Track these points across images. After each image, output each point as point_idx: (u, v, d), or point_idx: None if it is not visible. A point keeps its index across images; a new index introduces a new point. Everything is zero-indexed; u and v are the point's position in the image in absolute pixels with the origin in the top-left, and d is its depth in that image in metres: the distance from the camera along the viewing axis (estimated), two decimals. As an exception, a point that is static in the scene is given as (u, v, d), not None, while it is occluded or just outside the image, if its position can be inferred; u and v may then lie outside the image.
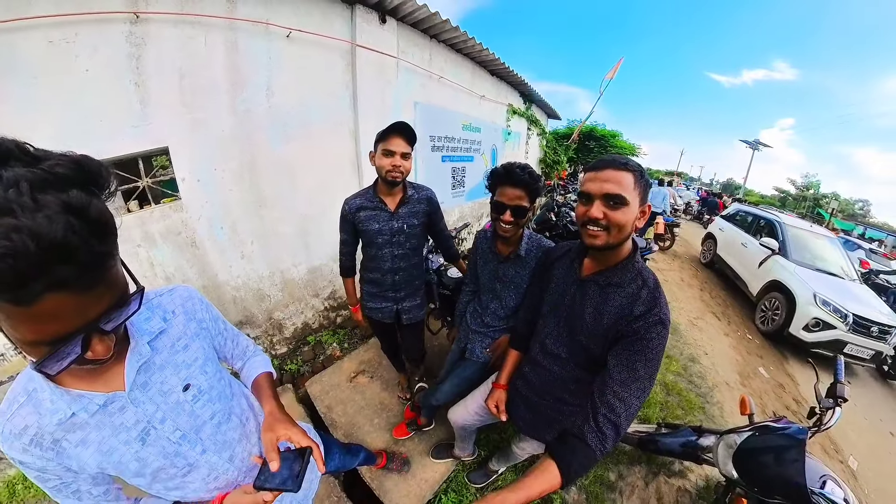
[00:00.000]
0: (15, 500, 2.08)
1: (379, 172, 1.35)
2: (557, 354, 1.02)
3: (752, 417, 1.51)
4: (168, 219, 2.02)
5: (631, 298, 0.86)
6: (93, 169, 0.42)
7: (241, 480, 0.78)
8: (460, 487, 1.78)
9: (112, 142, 1.85)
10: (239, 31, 2.03)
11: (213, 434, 0.71)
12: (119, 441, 0.60)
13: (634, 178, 0.81)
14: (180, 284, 0.75)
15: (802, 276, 4.01)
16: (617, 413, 0.78)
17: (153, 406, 0.62)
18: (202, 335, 0.72)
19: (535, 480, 0.72)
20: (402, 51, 2.89)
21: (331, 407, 2.18)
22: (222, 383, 0.75)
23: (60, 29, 1.68)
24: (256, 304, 2.46)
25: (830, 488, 1.21)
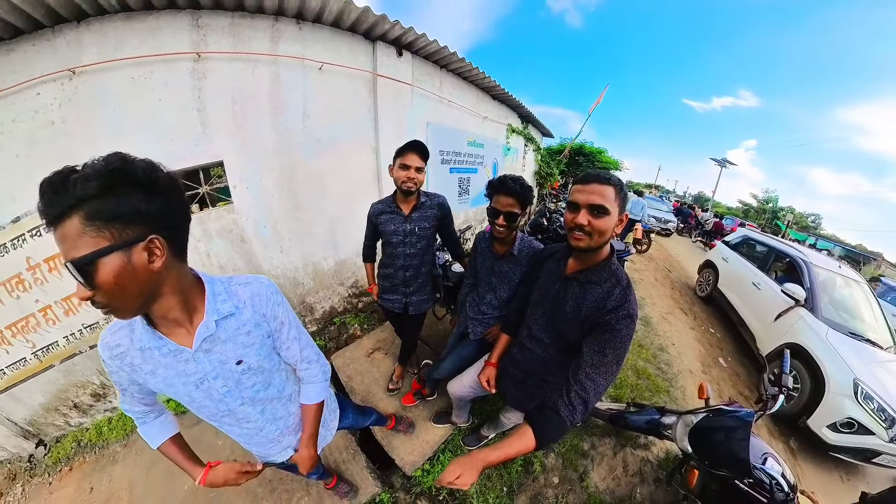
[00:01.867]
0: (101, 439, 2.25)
1: (396, 183, 1.37)
2: (541, 339, 1.03)
3: (708, 401, 1.50)
4: (222, 219, 2.11)
5: (605, 294, 0.87)
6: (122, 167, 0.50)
7: (265, 427, 0.84)
8: (456, 448, 1.82)
9: (179, 157, 1.95)
10: (280, 65, 2.09)
11: (253, 394, 0.76)
12: (179, 381, 0.66)
13: (615, 191, 0.82)
14: (262, 278, 0.74)
15: (837, 346, 2.36)
16: (587, 391, 0.79)
17: (210, 366, 0.67)
18: (262, 326, 0.73)
19: (513, 442, 0.74)
20: (416, 79, 2.90)
21: (351, 377, 2.23)
22: (269, 363, 0.77)
23: (140, 68, 1.77)
24: (292, 289, 2.51)
25: (770, 464, 1.21)
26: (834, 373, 2.24)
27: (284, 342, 0.79)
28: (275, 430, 0.86)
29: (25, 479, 2.20)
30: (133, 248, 0.50)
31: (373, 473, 1.70)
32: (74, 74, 1.70)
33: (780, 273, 3.58)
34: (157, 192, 0.51)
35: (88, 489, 1.99)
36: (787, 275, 3.42)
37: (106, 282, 0.48)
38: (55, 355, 2.10)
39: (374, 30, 2.36)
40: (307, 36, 2.16)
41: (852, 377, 2.15)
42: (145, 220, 0.50)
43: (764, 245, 4.03)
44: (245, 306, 0.70)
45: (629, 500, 1.72)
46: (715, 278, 4.42)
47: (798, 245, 4.05)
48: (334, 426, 1.07)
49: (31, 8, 1.52)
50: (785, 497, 1.11)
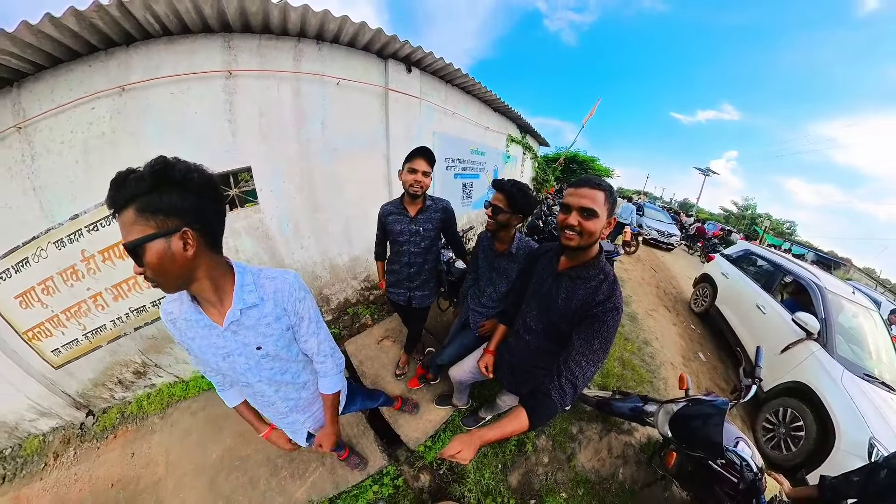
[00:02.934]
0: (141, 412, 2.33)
1: (404, 186, 1.37)
2: (535, 330, 1.05)
3: (688, 392, 1.50)
4: (249, 218, 2.17)
5: (594, 289, 0.88)
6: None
7: (277, 403, 0.88)
8: (455, 428, 1.84)
9: (212, 163, 1.95)
10: (302, 81, 2.13)
11: (270, 376, 0.80)
12: (210, 351, 0.72)
13: (605, 196, 0.82)
14: (289, 274, 0.75)
15: (853, 393, 1.84)
16: (576, 376, 0.80)
17: (235, 345, 0.72)
18: (283, 319, 0.74)
19: (508, 423, 0.75)
20: (424, 92, 2.93)
21: (362, 362, 2.26)
22: (287, 353, 0.79)
23: (179, 84, 1.84)
24: (311, 282, 2.56)
25: (741, 447, 1.23)
26: (847, 427, 1.72)
27: (303, 335, 0.81)
28: (284, 406, 0.90)
29: (77, 444, 2.31)
30: (172, 237, 0.55)
31: (381, 448, 1.74)
32: (123, 91, 1.78)
33: (788, 296, 2.92)
34: (191, 191, 0.57)
35: (130, 455, 2.08)
36: (794, 298, 2.79)
37: (151, 262, 0.54)
38: (103, 337, 2.20)
39: (385, 49, 2.40)
40: (326, 55, 2.21)
41: (868, 436, 1.63)
42: (181, 214, 0.56)
43: (769, 262, 3.26)
44: (268, 299, 0.71)
45: (612, 480, 1.72)
46: (712, 294, 3.71)
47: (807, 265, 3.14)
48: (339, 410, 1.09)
49: (88, 34, 1.59)
50: (753, 476, 1.12)
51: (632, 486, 1.69)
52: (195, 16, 1.73)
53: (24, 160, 1.77)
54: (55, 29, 1.54)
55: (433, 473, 1.66)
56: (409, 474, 1.65)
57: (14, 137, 1.75)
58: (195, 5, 1.69)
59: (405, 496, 1.56)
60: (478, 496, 1.56)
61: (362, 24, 2.10)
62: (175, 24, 1.75)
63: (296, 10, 1.84)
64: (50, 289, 1.97)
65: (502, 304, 1.37)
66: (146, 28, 1.72)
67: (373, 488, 1.56)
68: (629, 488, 1.68)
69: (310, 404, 0.95)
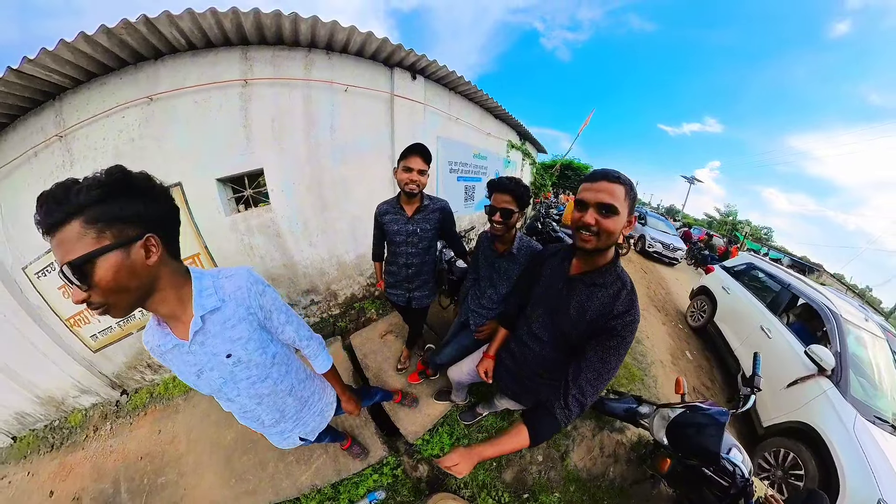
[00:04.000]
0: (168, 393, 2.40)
1: (399, 185, 1.28)
2: (541, 338, 0.93)
3: (685, 397, 1.42)
4: (262, 217, 2.20)
5: (612, 298, 0.76)
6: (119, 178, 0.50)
7: (262, 416, 0.79)
8: (453, 423, 1.81)
9: (230, 165, 2.06)
10: (312, 87, 2.16)
11: (248, 388, 0.72)
12: (185, 370, 0.66)
13: (625, 191, 0.70)
14: (242, 270, 0.68)
15: (864, 441, 1.54)
16: (585, 395, 0.72)
17: (205, 358, 0.64)
18: (248, 319, 0.66)
19: (508, 439, 0.70)
20: (428, 99, 2.90)
21: (366, 355, 2.24)
22: (262, 357, 0.70)
23: (201, 93, 1.90)
24: (319, 278, 2.58)
25: (734, 454, 1.18)
26: (854, 482, 1.44)
27: (277, 327, 0.74)
28: (270, 418, 0.81)
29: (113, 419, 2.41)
30: (132, 245, 0.49)
31: (381, 439, 1.73)
32: (151, 101, 1.84)
33: (796, 319, 2.47)
34: (154, 199, 0.53)
35: (157, 431, 2.14)
36: (803, 323, 2.39)
37: (104, 279, 0.47)
38: (133, 325, 2.29)
39: (392, 57, 2.40)
40: (335, 63, 2.23)
41: (878, 497, 1.37)
42: (143, 221, 0.51)
43: (775, 279, 2.75)
44: (230, 300, 0.64)
45: (603, 478, 1.67)
46: (711, 309, 3.24)
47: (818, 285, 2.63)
48: (330, 415, 1.02)
49: (118, 49, 1.68)
50: (745, 482, 1.09)
51: (621, 484, 1.64)
52: (217, 30, 1.79)
53: (64, 165, 1.85)
54: (88, 45, 1.60)
55: (431, 465, 1.62)
56: (408, 465, 1.64)
57: (56, 145, 1.83)
58: (217, 20, 1.73)
59: (404, 485, 1.54)
60: (473, 490, 1.53)
61: (369, 33, 2.09)
62: (199, 39, 1.81)
63: (305, 21, 1.87)
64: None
65: (503, 306, 1.29)
66: (172, 43, 1.78)
67: (373, 477, 1.55)
68: (619, 486, 1.64)
69: (297, 411, 0.86)
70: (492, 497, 1.51)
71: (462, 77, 2.94)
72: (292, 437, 0.91)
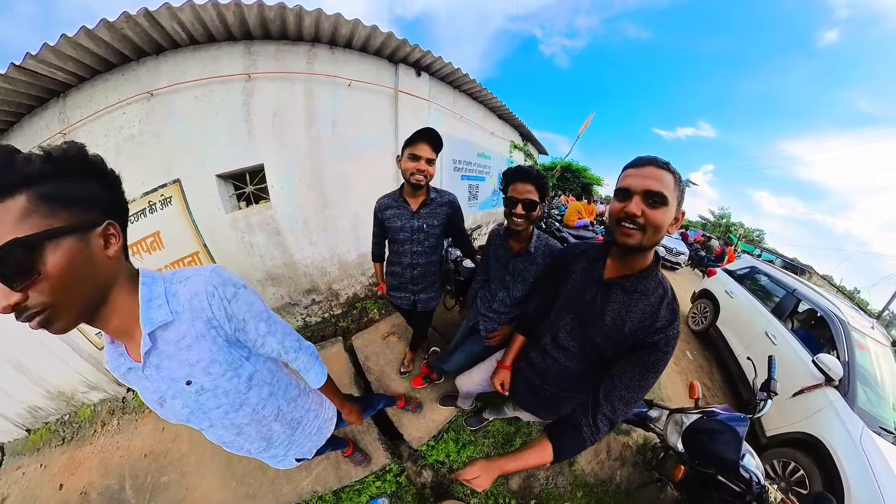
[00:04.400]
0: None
1: (404, 175, 1.12)
2: (567, 348, 0.82)
3: (699, 402, 1.34)
4: (262, 214, 2.14)
5: (654, 308, 0.66)
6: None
7: (248, 446, 0.66)
8: (458, 428, 1.74)
9: (230, 160, 2.00)
10: (314, 82, 2.10)
11: (221, 418, 0.57)
12: (147, 398, 0.53)
13: (674, 180, 0.60)
14: (204, 270, 0.52)
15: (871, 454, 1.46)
16: (617, 414, 0.65)
17: (164, 385, 0.51)
18: (209, 336, 0.51)
19: (531, 454, 0.64)
20: (433, 96, 2.83)
21: (368, 357, 2.17)
22: (233, 381, 0.55)
23: (202, 88, 1.85)
24: (320, 277, 2.52)
25: (748, 460, 1.14)
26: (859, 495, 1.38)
27: (256, 340, 0.58)
28: (256, 448, 0.68)
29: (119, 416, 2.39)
30: (91, 232, 0.40)
31: (384, 445, 1.67)
32: (152, 96, 1.78)
33: (800, 325, 2.38)
34: (110, 183, 0.45)
35: (161, 429, 2.11)
36: (808, 329, 2.30)
37: (54, 271, 0.36)
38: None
39: (396, 53, 2.35)
40: (339, 58, 2.18)
41: None
42: (102, 206, 0.43)
43: (779, 284, 2.65)
44: (184, 311, 0.49)
45: (610, 483, 1.60)
46: (713, 313, 3.09)
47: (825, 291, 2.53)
48: (329, 430, 0.87)
49: (120, 44, 1.63)
50: (760, 489, 1.05)
51: (627, 488, 1.58)
52: (219, 23, 1.75)
53: None
54: (90, 40, 1.54)
55: (435, 472, 1.55)
56: (412, 471, 1.57)
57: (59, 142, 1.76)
58: (219, 13, 1.67)
59: (407, 492, 1.47)
60: (481, 499, 1.47)
61: (374, 27, 2.01)
62: (200, 33, 1.77)
63: (310, 14, 1.83)
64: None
65: (517, 310, 1.17)
66: (174, 37, 1.72)
67: (376, 484, 1.48)
68: (625, 490, 1.58)
69: (289, 436, 0.72)
70: None
71: (467, 75, 2.89)
72: (287, 459, 0.78)
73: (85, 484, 1.95)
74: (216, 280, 0.51)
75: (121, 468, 1.92)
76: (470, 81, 3.01)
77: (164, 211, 1.96)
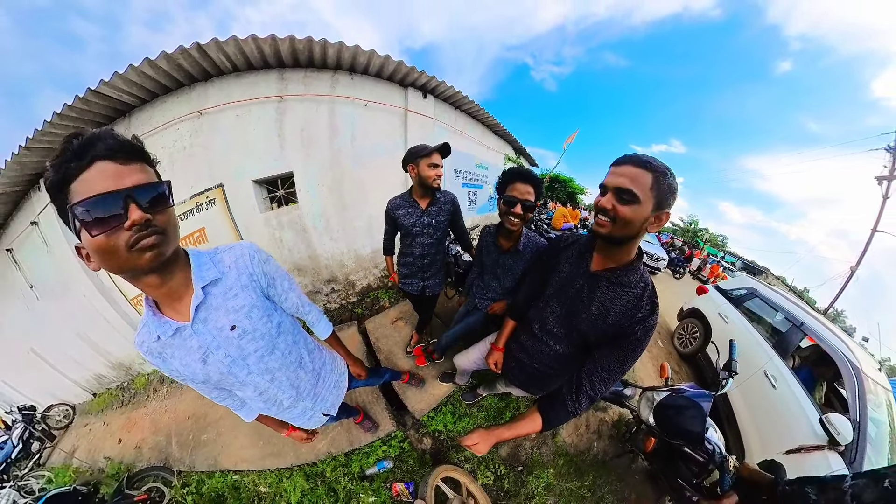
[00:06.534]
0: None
1: (424, 181, 1.15)
2: (555, 333, 0.80)
3: (668, 380, 1.32)
4: (291, 214, 2.21)
5: (636, 300, 0.65)
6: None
7: (280, 395, 0.67)
8: (456, 402, 1.73)
9: (265, 168, 2.09)
10: (336, 102, 2.17)
11: (257, 362, 0.60)
12: (190, 359, 0.54)
13: (653, 179, 0.55)
14: (245, 242, 0.61)
15: None
16: (597, 392, 0.66)
17: (210, 337, 0.54)
18: (251, 286, 0.57)
19: (524, 424, 0.66)
20: (437, 115, 2.87)
21: (378, 339, 2.18)
22: (267, 325, 0.60)
23: (242, 108, 1.93)
24: (339, 269, 2.56)
25: (711, 433, 1.12)
26: None
27: (281, 295, 0.65)
28: (287, 397, 0.69)
29: (168, 384, 2.46)
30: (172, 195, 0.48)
31: (391, 415, 1.68)
32: (201, 115, 1.86)
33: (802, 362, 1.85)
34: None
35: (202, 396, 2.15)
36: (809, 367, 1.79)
37: (167, 207, 0.44)
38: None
39: (406, 78, 2.41)
40: (357, 83, 2.24)
41: None
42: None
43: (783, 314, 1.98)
44: (230, 270, 0.56)
45: (588, 453, 1.59)
46: (703, 336, 2.38)
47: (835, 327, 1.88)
48: (345, 385, 0.91)
49: (176, 72, 1.73)
50: (721, 458, 1.03)
51: (604, 458, 1.57)
52: (257, 54, 1.83)
53: None
54: (152, 69, 1.62)
55: (434, 438, 1.56)
56: (414, 438, 1.59)
57: None
58: (257, 46, 1.74)
59: (410, 456, 1.49)
60: (474, 464, 1.47)
61: (387, 57, 2.08)
62: (242, 62, 1.86)
63: (333, 46, 1.90)
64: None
65: (509, 297, 1.19)
66: (220, 66, 1.82)
67: (382, 448, 1.50)
68: (601, 459, 1.56)
69: (313, 386, 0.76)
70: (490, 470, 1.45)
71: (467, 97, 2.93)
72: (316, 415, 0.80)
73: (139, 439, 2.04)
74: (254, 248, 0.61)
75: (168, 427, 1.99)
76: (469, 102, 3.05)
77: (209, 210, 2.05)
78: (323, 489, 1.36)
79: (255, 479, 1.46)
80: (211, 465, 1.62)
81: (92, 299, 2.29)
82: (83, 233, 0.38)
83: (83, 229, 0.38)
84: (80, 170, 0.38)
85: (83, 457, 2.27)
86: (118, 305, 2.30)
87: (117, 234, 0.39)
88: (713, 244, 18.49)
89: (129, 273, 0.43)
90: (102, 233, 0.38)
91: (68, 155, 0.37)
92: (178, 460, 1.75)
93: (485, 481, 1.39)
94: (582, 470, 1.48)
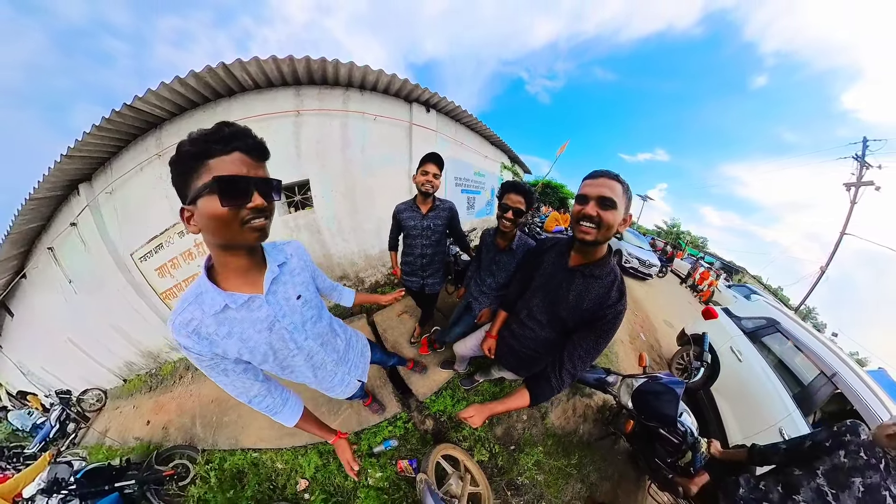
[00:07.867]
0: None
1: (417, 186, 1.25)
2: (539, 320, 0.87)
3: (646, 369, 1.35)
4: (307, 217, 2.25)
5: (606, 289, 0.71)
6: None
7: (326, 361, 0.73)
8: (454, 387, 1.76)
9: (283, 176, 2.13)
10: (348, 116, 2.20)
11: (311, 328, 0.67)
12: (254, 330, 0.54)
13: (622, 188, 0.64)
14: (294, 240, 0.72)
15: None
16: (576, 369, 0.71)
17: (278, 306, 0.57)
18: (306, 269, 0.68)
19: (514, 399, 0.70)
20: (439, 127, 2.90)
21: (385, 330, 2.21)
22: (317, 298, 0.71)
23: (263, 122, 1.96)
24: (350, 267, 2.58)
25: (685, 417, 1.15)
26: None
27: (320, 278, 0.79)
28: (332, 361, 0.75)
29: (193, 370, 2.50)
30: None
31: (396, 398, 1.70)
32: None
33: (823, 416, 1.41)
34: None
35: (227, 381, 2.18)
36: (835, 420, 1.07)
37: (274, 201, 0.49)
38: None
39: (411, 94, 2.45)
40: (367, 98, 2.28)
41: None
42: None
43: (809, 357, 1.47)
44: (291, 257, 0.66)
45: (574, 434, 1.62)
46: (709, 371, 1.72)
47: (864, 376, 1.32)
48: (368, 355, 0.99)
49: (203, 89, 1.77)
50: (694, 440, 1.08)
51: (588, 439, 1.60)
52: (276, 73, 1.86)
53: (161, 178, 1.94)
54: (181, 86, 1.65)
55: (436, 420, 1.60)
56: (417, 419, 1.61)
57: (156, 162, 1.94)
58: (277, 66, 1.78)
59: (413, 435, 1.52)
60: (471, 443, 1.49)
61: (394, 75, 2.15)
62: (262, 80, 1.89)
63: (345, 65, 1.93)
64: (176, 264, 2.12)
65: (502, 292, 1.24)
66: (242, 84, 1.84)
67: (388, 428, 1.53)
68: (586, 441, 1.59)
69: (345, 352, 0.83)
70: (485, 448, 1.47)
71: (466, 110, 2.96)
72: (351, 381, 0.86)
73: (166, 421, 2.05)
74: (303, 247, 0.72)
75: (193, 410, 2.00)
76: (468, 115, 3.08)
77: (233, 213, 2.09)
78: (335, 465, 1.39)
79: (272, 456, 1.49)
80: (232, 443, 1.64)
81: (125, 293, 2.31)
82: (208, 200, 0.42)
83: (215, 197, 0.41)
84: (222, 153, 0.42)
85: (115, 436, 2.30)
86: (149, 299, 2.33)
87: (239, 210, 0.44)
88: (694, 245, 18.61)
89: (231, 244, 0.47)
90: (231, 206, 0.42)
91: (215, 137, 0.42)
92: (202, 440, 1.77)
93: (481, 458, 1.41)
94: (569, 450, 1.51)
